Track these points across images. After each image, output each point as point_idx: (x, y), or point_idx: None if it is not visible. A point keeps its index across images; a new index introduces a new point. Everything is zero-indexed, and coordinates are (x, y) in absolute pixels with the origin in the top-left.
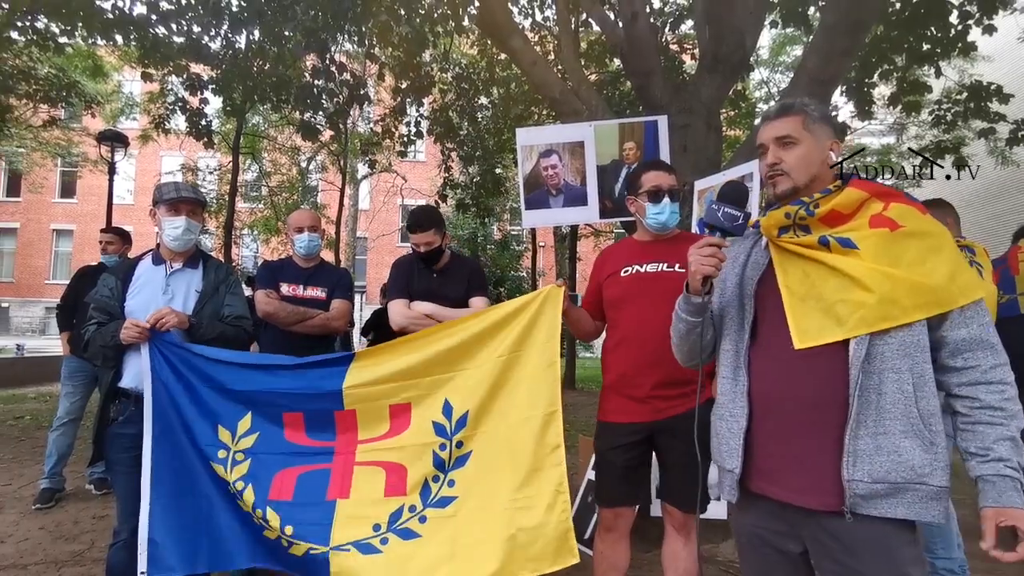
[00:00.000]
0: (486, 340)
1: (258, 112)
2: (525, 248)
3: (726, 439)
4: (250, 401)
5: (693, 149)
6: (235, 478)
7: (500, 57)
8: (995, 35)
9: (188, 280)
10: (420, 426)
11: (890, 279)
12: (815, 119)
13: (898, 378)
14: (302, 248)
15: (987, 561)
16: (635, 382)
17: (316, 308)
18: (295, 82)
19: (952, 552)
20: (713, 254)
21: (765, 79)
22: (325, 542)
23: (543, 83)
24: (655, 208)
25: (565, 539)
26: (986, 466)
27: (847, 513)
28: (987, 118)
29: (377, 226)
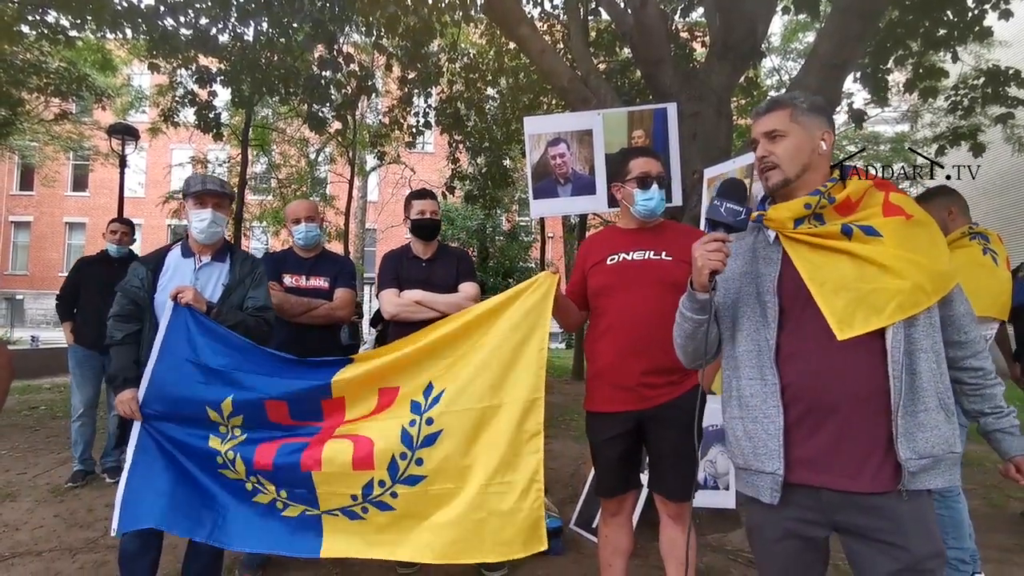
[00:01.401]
0: (480, 328)
1: (267, 104)
2: (534, 239)
3: (763, 441)
4: (232, 385)
5: (703, 137)
6: (227, 448)
7: (509, 47)
8: (1012, 20)
9: (217, 274)
10: (401, 404)
11: (916, 265)
12: (803, 111)
13: (927, 357)
14: (301, 239)
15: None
16: (623, 370)
17: (319, 298)
18: (303, 73)
19: (964, 543)
20: (719, 249)
21: (777, 67)
22: (316, 506)
23: (552, 72)
24: (644, 195)
25: (536, 527)
26: (1004, 420)
27: (904, 492)
28: (1005, 103)
29: (386, 217)
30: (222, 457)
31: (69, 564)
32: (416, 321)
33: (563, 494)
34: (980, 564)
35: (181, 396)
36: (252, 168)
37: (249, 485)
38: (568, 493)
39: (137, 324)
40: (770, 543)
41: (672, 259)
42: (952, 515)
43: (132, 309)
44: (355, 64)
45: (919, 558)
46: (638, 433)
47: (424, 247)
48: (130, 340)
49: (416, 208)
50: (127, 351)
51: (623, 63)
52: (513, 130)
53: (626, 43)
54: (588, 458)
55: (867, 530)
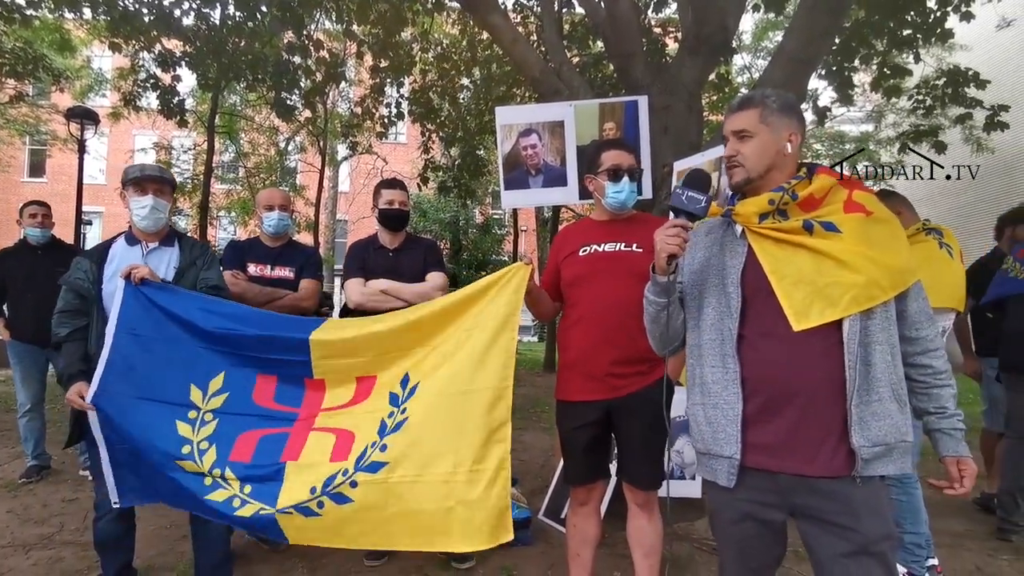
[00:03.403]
0: (454, 317)
1: (234, 91)
2: (507, 232)
3: (722, 427)
4: (227, 359)
5: (674, 131)
6: (200, 438)
7: (482, 36)
8: (972, 24)
9: (166, 258)
10: (379, 396)
11: (872, 261)
12: (773, 111)
13: (882, 350)
14: (271, 227)
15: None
16: (593, 360)
17: (285, 288)
18: (271, 59)
19: (919, 527)
20: (678, 235)
21: (748, 64)
22: (272, 504)
23: (523, 62)
24: (615, 187)
25: (502, 517)
26: (945, 421)
27: (857, 478)
28: (964, 103)
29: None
30: (191, 447)
31: (23, 560)
32: (382, 311)
33: (533, 485)
34: (934, 549)
35: (154, 377)
36: (219, 156)
37: (208, 480)
38: (538, 484)
39: (84, 319)
40: (728, 525)
41: (643, 250)
42: (910, 501)
43: (78, 304)
44: (325, 51)
45: (870, 540)
46: (607, 422)
47: (392, 237)
48: (77, 336)
49: (385, 198)
50: (75, 348)
51: (596, 56)
52: (487, 120)
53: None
54: (558, 449)
55: (821, 513)
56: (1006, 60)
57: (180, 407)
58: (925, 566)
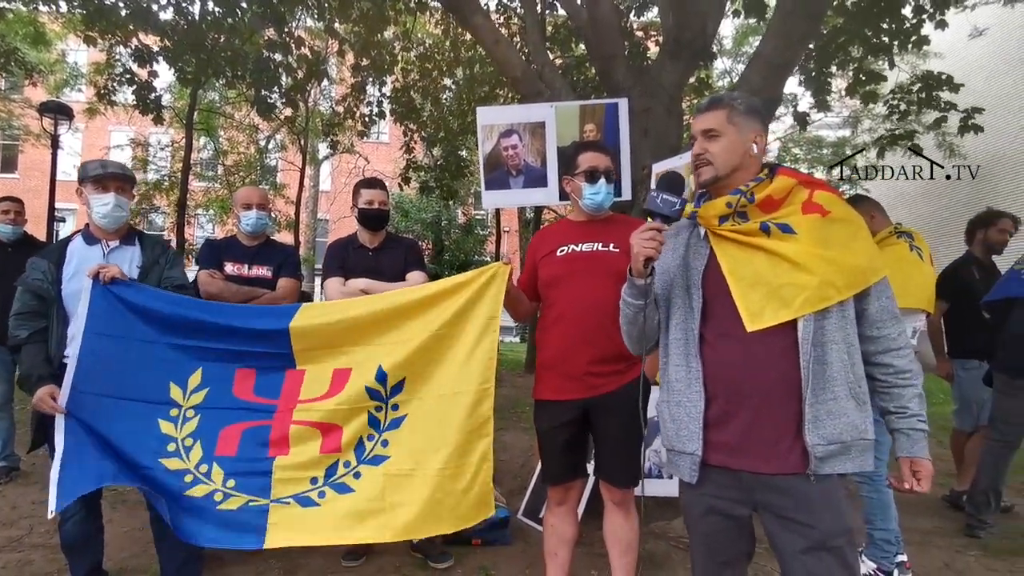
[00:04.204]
0: (425, 311)
1: (214, 88)
2: (489, 232)
3: (684, 424)
4: (203, 355)
5: (654, 133)
6: (184, 435)
7: (465, 37)
8: (945, 33)
9: (128, 257)
10: (354, 390)
11: (827, 262)
12: (740, 112)
13: (838, 348)
14: (249, 225)
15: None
16: (571, 359)
17: (262, 287)
18: (251, 56)
19: (889, 524)
20: (653, 237)
21: (728, 69)
22: (266, 495)
23: (505, 62)
24: (592, 188)
25: (485, 498)
26: (904, 421)
27: (811, 475)
28: (938, 107)
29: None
30: (176, 444)
31: None
32: None
33: (512, 485)
34: (903, 545)
35: (131, 377)
36: (197, 154)
37: (189, 477)
38: (517, 484)
39: (43, 320)
40: (696, 519)
41: (620, 251)
42: (880, 498)
43: (36, 305)
44: (306, 48)
45: (827, 535)
46: (584, 421)
47: (371, 236)
48: (38, 338)
49: (364, 197)
50: (36, 350)
51: (579, 59)
52: (469, 121)
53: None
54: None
55: (780, 509)
56: (978, 68)
57: (161, 405)
58: (894, 562)
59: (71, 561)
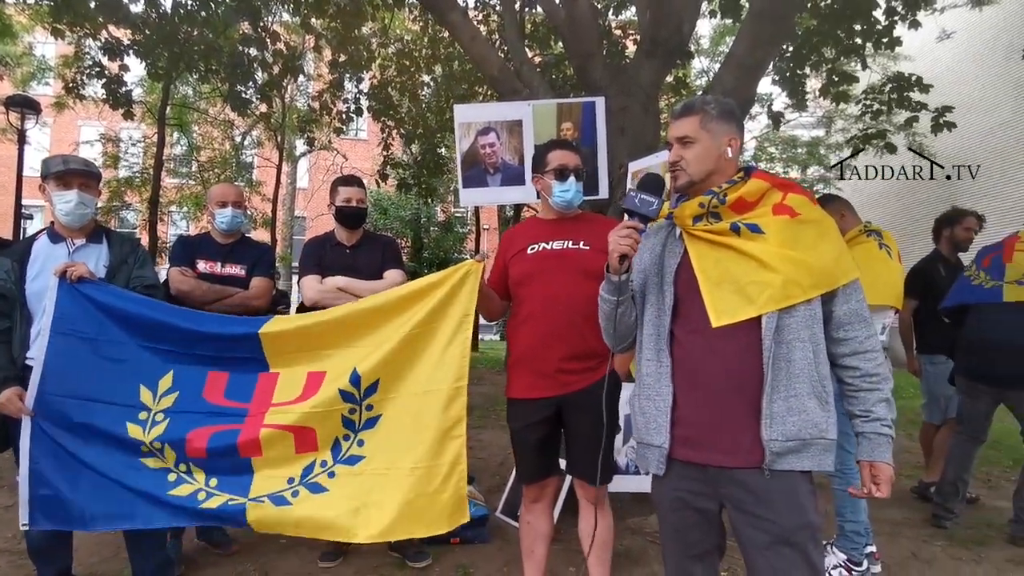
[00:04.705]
0: (399, 312)
1: (187, 82)
2: (469, 230)
3: (653, 417)
4: (174, 357)
5: (630, 132)
6: (151, 438)
7: (443, 34)
8: (915, 35)
9: (95, 255)
10: (328, 393)
11: (792, 261)
12: (713, 117)
13: (803, 347)
14: (224, 223)
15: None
16: (542, 356)
17: (235, 286)
18: (225, 50)
19: (859, 516)
20: (630, 235)
21: (706, 68)
22: (244, 494)
23: (483, 60)
24: (561, 186)
25: (459, 505)
26: (867, 425)
27: (766, 470)
28: (909, 107)
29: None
30: (147, 447)
31: None
32: None
33: (490, 483)
34: (872, 537)
35: (99, 379)
36: (170, 149)
37: (173, 476)
38: (495, 482)
39: (7, 321)
40: (665, 511)
41: (590, 248)
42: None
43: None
44: (282, 43)
45: (787, 530)
46: (558, 419)
47: (349, 234)
48: (2, 339)
49: (342, 195)
50: (1, 350)
51: (558, 57)
52: (448, 118)
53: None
54: None
55: (742, 503)
56: (946, 71)
57: (129, 408)
58: (864, 553)
59: (39, 567)
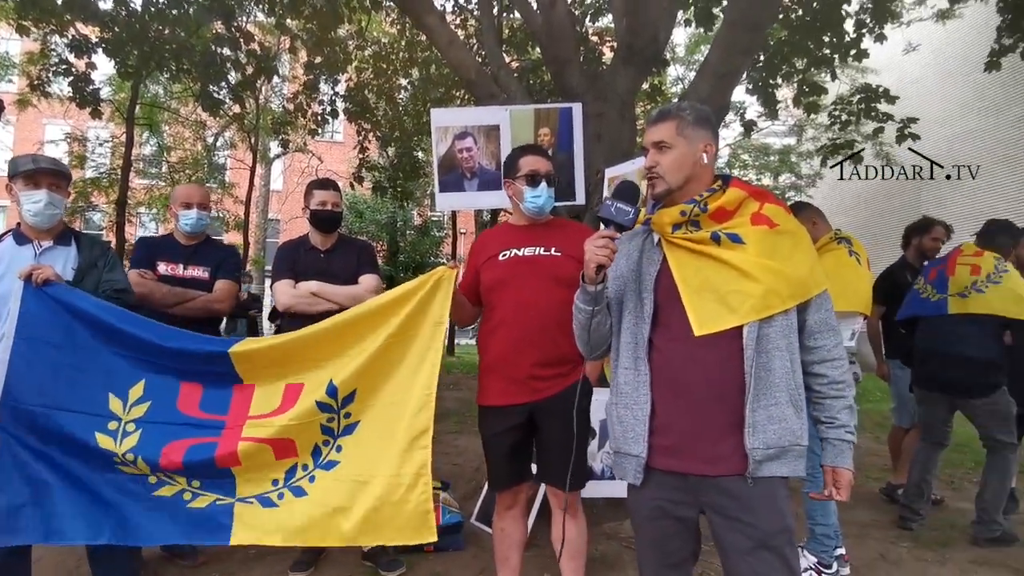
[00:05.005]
0: (374, 324)
1: (157, 81)
2: (446, 234)
3: (631, 426)
4: (146, 366)
5: (607, 138)
6: (124, 450)
7: (421, 38)
8: (881, 49)
9: (63, 258)
10: (306, 405)
11: (772, 272)
12: (689, 123)
13: (781, 356)
14: (188, 225)
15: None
16: (514, 363)
17: (198, 289)
18: (197, 50)
19: (829, 519)
20: (606, 245)
21: (681, 76)
22: (231, 494)
23: (460, 64)
24: (533, 192)
25: (424, 519)
26: (832, 431)
27: (749, 478)
28: (877, 118)
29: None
30: (118, 458)
31: None
32: (313, 313)
33: (466, 489)
34: (841, 539)
35: (66, 387)
36: (139, 149)
37: (153, 479)
38: (471, 488)
39: None
40: (643, 521)
41: (562, 255)
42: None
43: None
44: (256, 44)
45: (768, 534)
46: (529, 425)
47: (323, 238)
48: None
49: (317, 198)
50: None
51: (535, 62)
52: (424, 122)
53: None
54: None
55: (725, 510)
56: (912, 83)
57: (98, 418)
58: (833, 555)
59: None
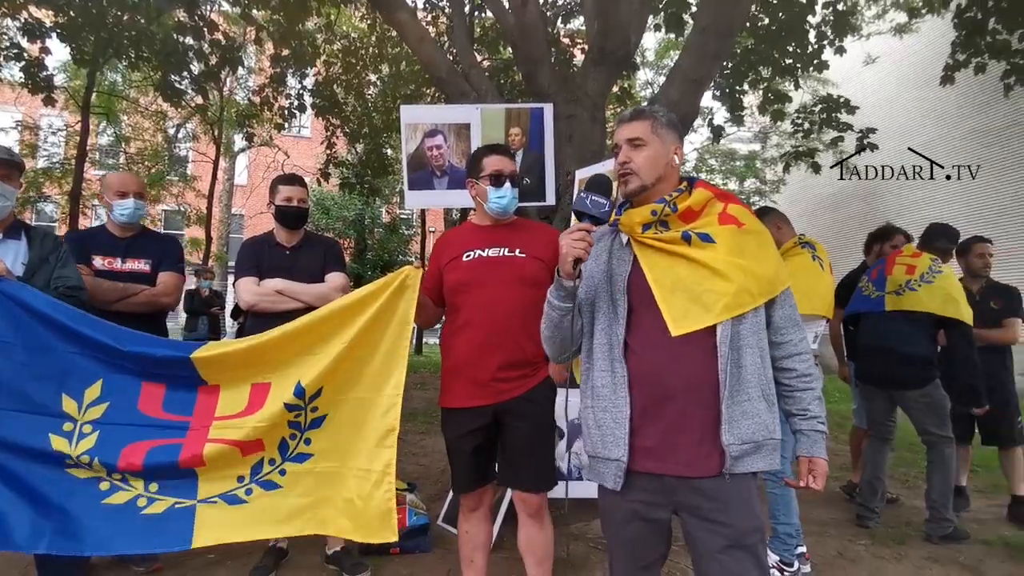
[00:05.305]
0: (339, 325)
1: (115, 69)
2: (414, 232)
3: (610, 430)
4: (104, 365)
5: (578, 139)
6: (79, 452)
7: (391, 33)
8: (840, 61)
9: (13, 252)
10: (274, 406)
11: (743, 270)
12: (663, 124)
13: (752, 352)
14: (125, 215)
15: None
16: (479, 365)
17: (140, 283)
18: (158, 37)
19: (791, 518)
20: (583, 238)
21: (650, 80)
22: (192, 496)
23: (430, 61)
24: (497, 192)
25: (387, 518)
26: (805, 423)
27: (727, 474)
28: (837, 128)
29: (255, 202)
30: (72, 460)
31: None
32: (277, 312)
33: (433, 490)
34: (803, 538)
35: (17, 386)
36: (95, 139)
37: (106, 484)
38: (438, 489)
39: None
40: (619, 526)
41: (526, 256)
42: (784, 494)
43: None
44: (220, 34)
45: (742, 532)
46: (493, 427)
47: (289, 235)
48: None
49: (282, 194)
50: None
51: (506, 62)
52: (394, 118)
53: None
54: None
55: (700, 510)
56: (870, 94)
57: (52, 419)
58: (795, 554)
59: None
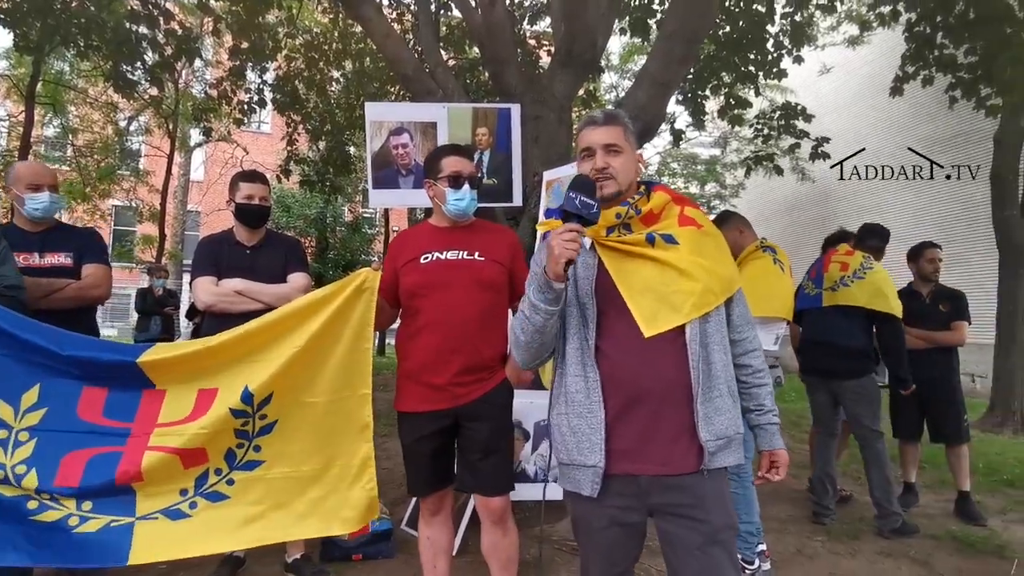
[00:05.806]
0: (292, 327)
1: (63, 57)
2: (377, 231)
3: (586, 435)
4: (42, 369)
5: (544, 141)
6: (15, 462)
7: (355, 29)
8: (797, 71)
9: None
10: (219, 412)
11: (706, 270)
12: (631, 131)
13: (718, 349)
14: (39, 210)
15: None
16: (437, 370)
17: (63, 277)
18: (109, 25)
19: (752, 516)
20: (574, 239)
21: (615, 84)
22: (130, 513)
23: (396, 59)
24: (456, 194)
25: (370, 504)
26: (763, 417)
27: (704, 471)
28: (794, 134)
29: (212, 199)
30: (4, 472)
31: None
32: (236, 313)
33: (395, 494)
34: (763, 535)
35: None
36: (40, 131)
37: (34, 503)
38: (400, 493)
39: None
40: (595, 532)
41: (484, 259)
42: (745, 493)
43: None
44: (175, 23)
45: (717, 528)
46: (451, 430)
47: (249, 233)
48: None
49: (243, 192)
50: None
51: (472, 61)
52: (357, 116)
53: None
54: None
55: (677, 508)
56: (825, 102)
57: None
58: (756, 551)
59: None
